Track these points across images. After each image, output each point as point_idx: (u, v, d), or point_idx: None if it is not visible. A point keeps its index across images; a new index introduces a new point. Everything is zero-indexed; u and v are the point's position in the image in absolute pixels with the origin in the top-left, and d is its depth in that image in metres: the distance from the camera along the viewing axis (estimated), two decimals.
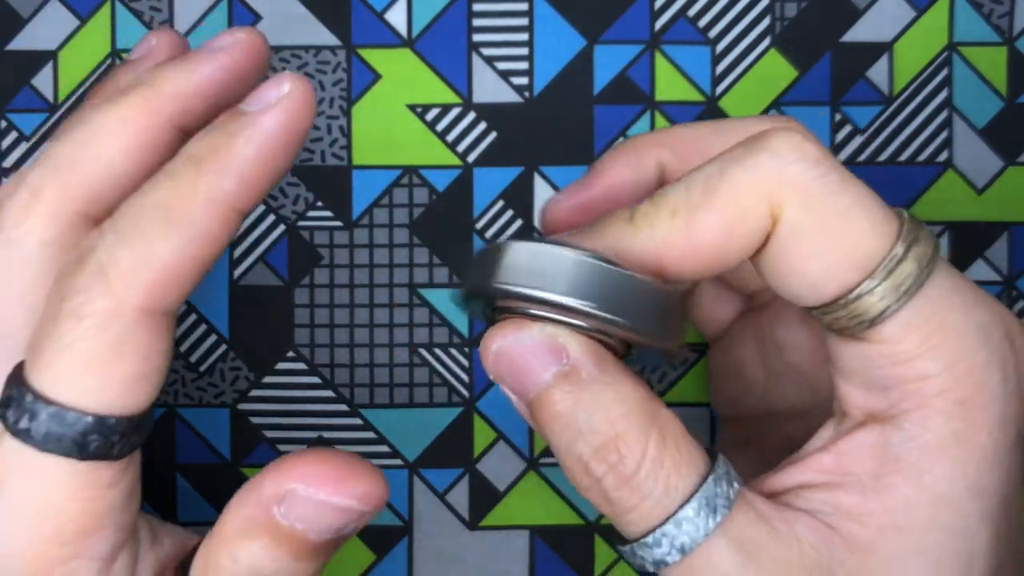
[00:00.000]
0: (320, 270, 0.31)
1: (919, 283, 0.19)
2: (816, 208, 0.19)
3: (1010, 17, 0.31)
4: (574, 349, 0.20)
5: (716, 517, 0.19)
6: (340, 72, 0.31)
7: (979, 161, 0.31)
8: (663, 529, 0.19)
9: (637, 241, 0.20)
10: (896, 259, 0.19)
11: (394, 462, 0.31)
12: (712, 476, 0.20)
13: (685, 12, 0.31)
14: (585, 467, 0.20)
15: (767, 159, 0.19)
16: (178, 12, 0.31)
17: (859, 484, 0.20)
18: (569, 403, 0.20)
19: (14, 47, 0.31)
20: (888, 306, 0.19)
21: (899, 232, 0.20)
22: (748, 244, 0.20)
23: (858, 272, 0.19)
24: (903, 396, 0.20)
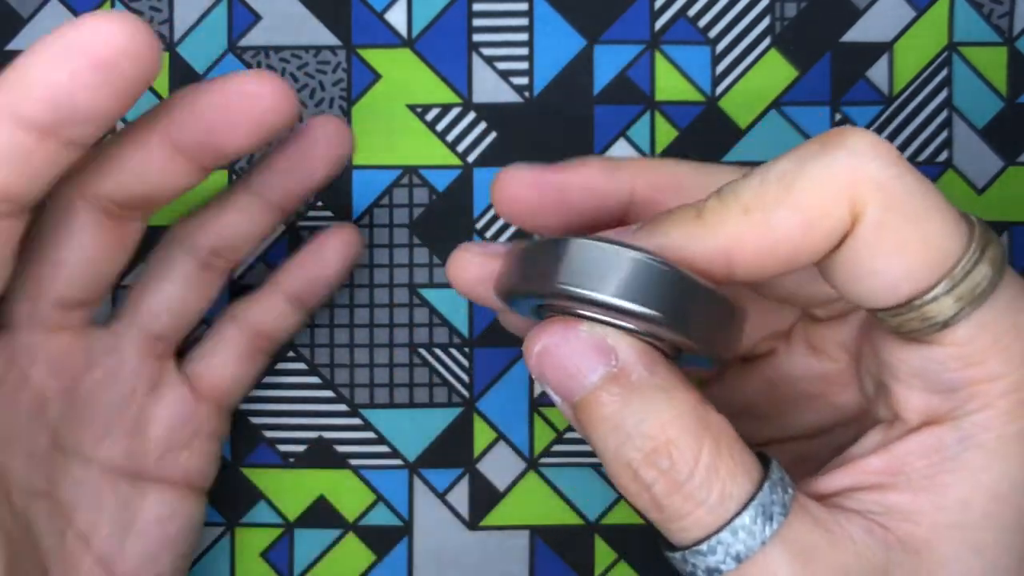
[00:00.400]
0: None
1: (993, 286, 0.19)
2: (896, 207, 0.19)
3: (1010, 17, 0.31)
4: (624, 350, 0.19)
5: (773, 524, 0.19)
6: (340, 72, 0.31)
7: (979, 161, 0.31)
8: (718, 537, 0.19)
9: (707, 239, 0.19)
10: (973, 260, 0.19)
11: (394, 462, 0.31)
12: (768, 483, 0.19)
13: (685, 12, 0.31)
14: (634, 473, 0.19)
15: (846, 156, 0.19)
16: (178, 12, 0.31)
17: (911, 484, 0.20)
18: (617, 406, 0.19)
19: (14, 47, 0.31)
20: (962, 308, 0.19)
21: (972, 234, 0.19)
22: (825, 243, 0.19)
23: (935, 273, 0.19)
24: (968, 398, 0.19)
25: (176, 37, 0.31)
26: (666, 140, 0.31)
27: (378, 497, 0.31)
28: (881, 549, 0.19)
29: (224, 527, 0.31)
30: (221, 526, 0.31)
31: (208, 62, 0.31)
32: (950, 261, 0.19)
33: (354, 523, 0.31)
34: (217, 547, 0.31)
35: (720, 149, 0.31)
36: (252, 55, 0.31)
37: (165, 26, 0.31)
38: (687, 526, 0.19)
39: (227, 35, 0.31)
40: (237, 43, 0.31)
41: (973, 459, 0.19)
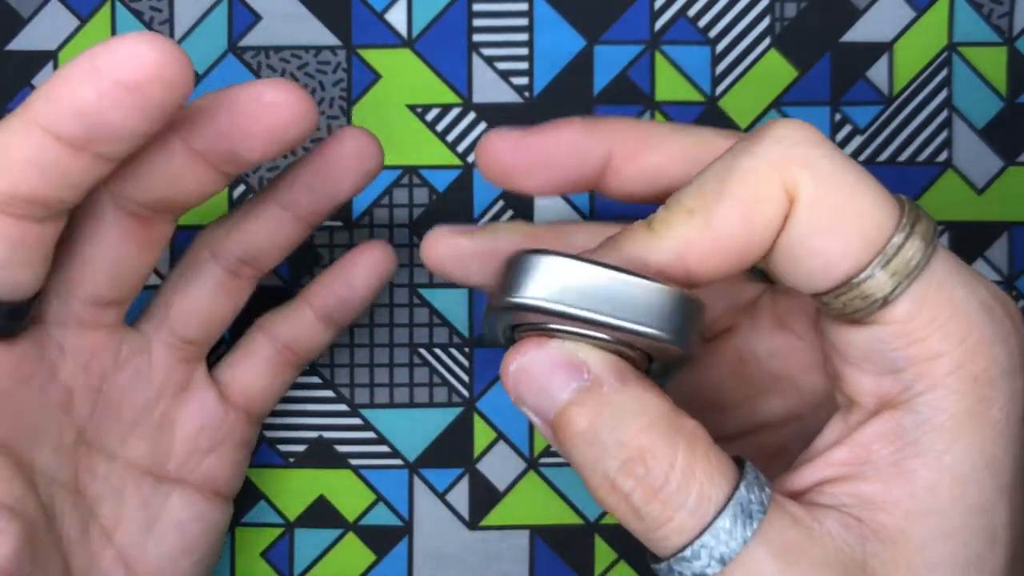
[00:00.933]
0: (320, 270, 0.31)
1: (926, 259, 0.19)
2: (827, 184, 0.19)
3: (1010, 17, 0.31)
4: (594, 363, 0.20)
5: (753, 524, 0.19)
6: (340, 72, 0.31)
7: (979, 161, 0.31)
8: (701, 540, 0.19)
9: (659, 247, 0.20)
10: (904, 235, 0.19)
11: (394, 462, 0.31)
12: (743, 483, 0.19)
13: (685, 12, 0.31)
14: (612, 484, 0.19)
15: (773, 143, 0.20)
16: (178, 12, 0.31)
17: (879, 473, 0.20)
18: (591, 419, 0.20)
19: (14, 47, 0.31)
20: (899, 283, 0.19)
21: (902, 210, 0.20)
22: (769, 229, 0.20)
23: (869, 249, 0.19)
24: (917, 377, 0.20)
25: (176, 37, 0.31)
26: None
27: (378, 497, 0.31)
28: (858, 542, 0.20)
29: None
30: None
31: (208, 62, 0.31)
32: (883, 236, 0.19)
33: (354, 523, 0.31)
34: None
35: None
36: (252, 55, 0.31)
37: (165, 26, 0.31)
38: (668, 533, 0.19)
39: (227, 35, 0.31)
40: (237, 43, 0.31)
41: (933, 442, 0.20)
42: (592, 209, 0.31)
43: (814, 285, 0.20)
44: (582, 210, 0.31)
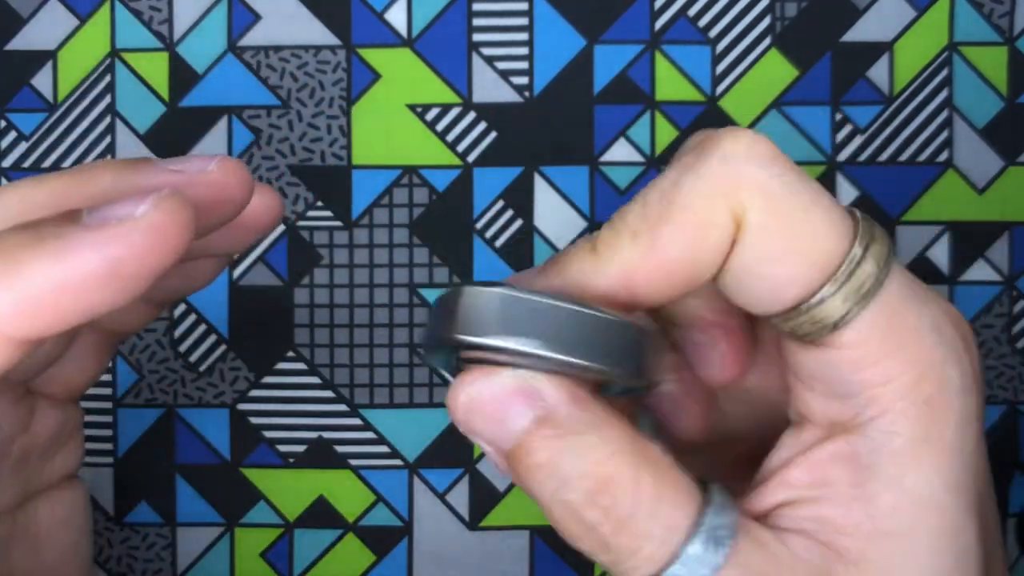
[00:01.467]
0: (320, 270, 0.31)
1: (879, 283, 0.19)
2: (777, 209, 0.18)
3: (1010, 17, 0.31)
4: (549, 392, 0.19)
5: (724, 549, 0.18)
6: (340, 72, 0.31)
7: (979, 161, 0.31)
8: (671, 571, 0.18)
9: (604, 271, 0.19)
10: (855, 260, 0.19)
11: (394, 462, 0.31)
12: (711, 508, 0.19)
13: (685, 12, 0.31)
14: (576, 516, 0.19)
15: (719, 163, 0.19)
16: (178, 12, 0.31)
17: (839, 496, 0.19)
18: (551, 450, 0.18)
19: (13, 47, 0.31)
20: (850, 309, 0.19)
21: (856, 231, 0.19)
22: (715, 254, 0.19)
23: (820, 274, 0.19)
24: (868, 402, 0.19)
25: (176, 37, 0.31)
26: (666, 140, 0.31)
27: (378, 497, 0.31)
28: (824, 565, 0.19)
29: (224, 527, 0.31)
30: (221, 526, 0.31)
31: (208, 62, 0.31)
32: (834, 261, 0.19)
33: (354, 523, 0.31)
34: (217, 547, 0.31)
35: None
36: (252, 55, 0.31)
37: (165, 26, 0.31)
38: (638, 564, 0.18)
39: (227, 35, 0.31)
40: (237, 43, 0.31)
41: (889, 466, 0.19)
42: (592, 212, 0.31)
43: (763, 308, 0.19)
44: (584, 212, 0.31)
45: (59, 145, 0.31)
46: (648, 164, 0.31)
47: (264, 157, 0.31)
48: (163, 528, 0.31)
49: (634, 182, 0.31)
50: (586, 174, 0.31)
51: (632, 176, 0.31)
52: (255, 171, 0.31)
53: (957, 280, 0.31)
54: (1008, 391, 0.31)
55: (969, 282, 0.31)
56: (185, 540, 0.31)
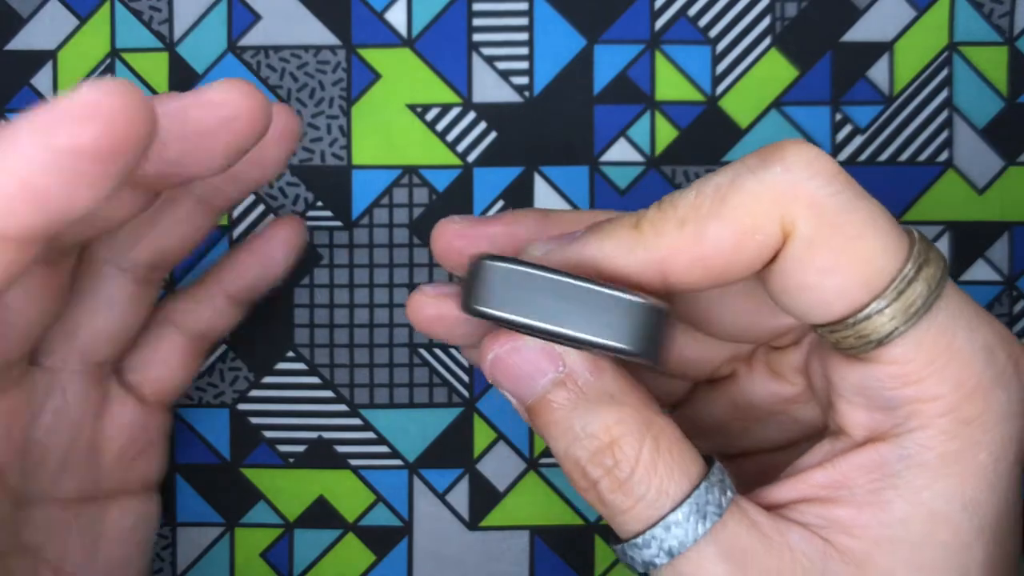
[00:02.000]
0: (320, 270, 0.31)
1: (928, 305, 0.19)
2: (829, 225, 0.19)
3: (1011, 17, 0.31)
4: (570, 356, 0.20)
5: (706, 523, 0.20)
6: (340, 72, 0.31)
7: (980, 161, 0.31)
8: (652, 532, 0.20)
9: (641, 251, 0.20)
10: (907, 279, 0.19)
11: (394, 462, 0.31)
12: (704, 483, 0.20)
13: (685, 12, 0.31)
14: (582, 471, 0.20)
15: (781, 172, 0.19)
16: (178, 12, 0.31)
17: (854, 499, 0.20)
18: (566, 409, 0.20)
19: (13, 47, 0.31)
20: (897, 327, 0.19)
21: (910, 252, 0.19)
22: (756, 258, 0.19)
23: (868, 291, 0.19)
24: (908, 416, 0.20)
25: (176, 37, 0.31)
26: (666, 140, 0.31)
27: (378, 497, 0.31)
28: (819, 559, 0.20)
29: (224, 527, 0.31)
30: (221, 526, 0.31)
31: (208, 62, 0.31)
32: (884, 280, 0.19)
33: (354, 523, 0.31)
34: (217, 547, 0.31)
35: (720, 149, 0.31)
36: (252, 55, 0.31)
37: (165, 26, 0.31)
38: (627, 520, 0.20)
39: (227, 35, 0.31)
40: (237, 43, 0.31)
41: (914, 478, 0.20)
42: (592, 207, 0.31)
43: (811, 318, 0.20)
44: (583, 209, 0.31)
45: None
46: (648, 164, 0.31)
47: None
48: (163, 528, 0.31)
49: (634, 182, 0.31)
50: (586, 174, 0.31)
51: (632, 176, 0.31)
52: None
53: (957, 280, 0.31)
54: None
55: (969, 282, 0.31)
56: (185, 540, 0.31)
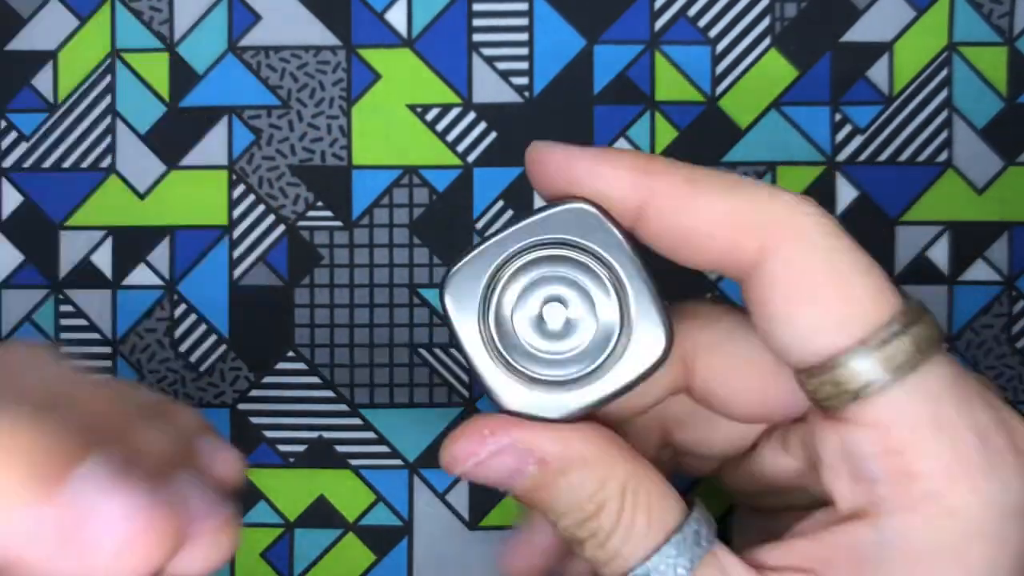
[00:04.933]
0: (320, 270, 0.31)
1: (914, 364, 0.19)
2: (813, 256, 0.19)
3: (1010, 17, 0.31)
4: (539, 447, 0.21)
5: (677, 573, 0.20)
6: (340, 72, 0.31)
7: (979, 161, 0.31)
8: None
9: (692, 206, 0.20)
10: (893, 333, 0.19)
11: (394, 462, 0.31)
12: (677, 539, 0.20)
13: (685, 12, 0.31)
14: (572, 536, 0.21)
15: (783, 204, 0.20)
16: (178, 12, 0.31)
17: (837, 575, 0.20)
18: (549, 495, 0.21)
19: (14, 47, 0.31)
20: (875, 379, 0.19)
21: (902, 309, 0.19)
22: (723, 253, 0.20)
23: (847, 334, 0.19)
24: (890, 494, 0.19)
25: (176, 37, 0.31)
26: (666, 140, 0.31)
27: (378, 497, 0.31)
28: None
29: None
30: None
31: (208, 62, 0.31)
32: (865, 326, 0.19)
33: (354, 523, 0.31)
34: None
35: (720, 149, 0.31)
36: (252, 55, 0.31)
37: (165, 26, 0.31)
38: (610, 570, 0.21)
39: (227, 35, 0.31)
40: (237, 43, 0.31)
41: (894, 569, 0.19)
42: None
43: (788, 354, 0.20)
44: None
45: (59, 145, 0.31)
46: None
47: (264, 157, 0.31)
48: None
49: None
50: None
51: None
52: (256, 171, 0.31)
53: (956, 280, 0.31)
54: (1008, 391, 0.31)
55: (968, 282, 0.31)
56: None
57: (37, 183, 0.31)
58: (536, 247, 0.21)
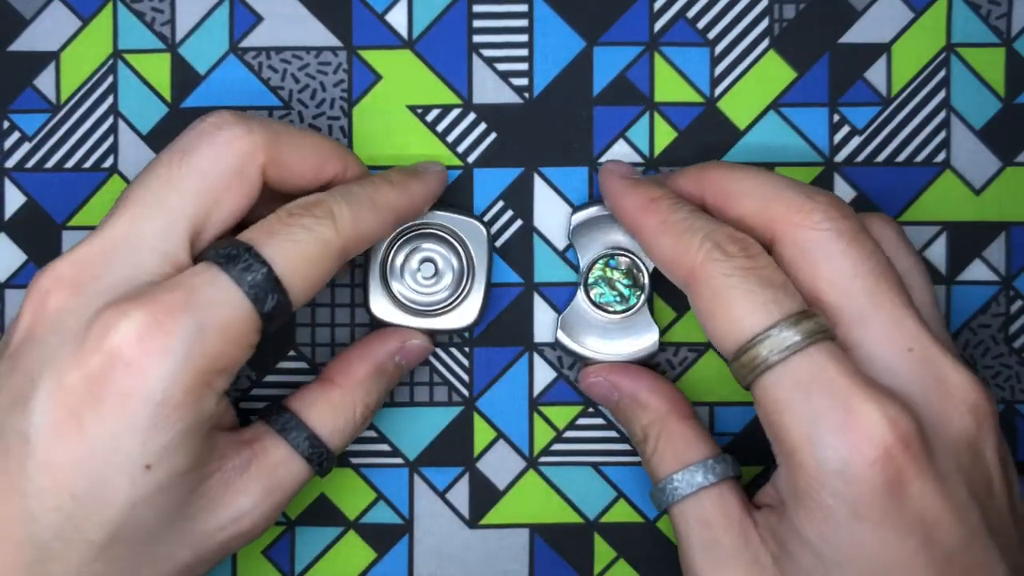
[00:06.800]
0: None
1: (795, 350, 0.24)
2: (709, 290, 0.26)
3: (1008, 18, 0.31)
4: (618, 384, 0.30)
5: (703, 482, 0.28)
6: (341, 73, 0.31)
7: (977, 161, 0.31)
8: (659, 486, 0.28)
9: None
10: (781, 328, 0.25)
11: (394, 461, 0.31)
12: (692, 467, 0.28)
13: (684, 13, 0.31)
14: (637, 447, 0.30)
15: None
16: (179, 13, 0.31)
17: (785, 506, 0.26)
18: (623, 417, 0.30)
19: (16, 48, 0.31)
20: (748, 375, 0.25)
21: (799, 309, 0.25)
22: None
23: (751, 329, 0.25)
24: (775, 450, 0.26)
25: (178, 38, 0.31)
26: (665, 141, 0.31)
27: (379, 495, 0.31)
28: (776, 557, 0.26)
29: None
30: None
31: (210, 63, 0.31)
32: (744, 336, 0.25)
33: (355, 521, 0.31)
34: None
35: (719, 150, 0.31)
36: (253, 56, 0.31)
37: (167, 27, 0.31)
38: (654, 478, 0.29)
39: (228, 36, 0.31)
40: (239, 44, 0.31)
41: (789, 503, 0.26)
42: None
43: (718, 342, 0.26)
44: None
45: (62, 146, 0.31)
46: (647, 165, 0.31)
47: None
48: None
49: None
50: (586, 174, 0.31)
51: None
52: None
53: (954, 280, 0.31)
54: (1005, 391, 0.31)
55: (966, 282, 0.31)
56: None
57: (39, 183, 0.31)
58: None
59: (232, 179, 0.26)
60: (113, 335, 0.24)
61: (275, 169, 0.27)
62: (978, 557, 0.24)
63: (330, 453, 0.28)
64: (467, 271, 0.30)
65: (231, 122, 0.26)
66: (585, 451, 0.31)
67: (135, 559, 0.25)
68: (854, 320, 0.25)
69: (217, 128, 0.26)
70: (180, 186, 0.26)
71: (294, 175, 0.27)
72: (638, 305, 0.30)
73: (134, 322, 0.24)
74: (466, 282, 0.30)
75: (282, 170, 0.27)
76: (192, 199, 0.26)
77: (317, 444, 0.28)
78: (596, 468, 0.31)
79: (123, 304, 0.24)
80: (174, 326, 0.24)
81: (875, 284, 0.25)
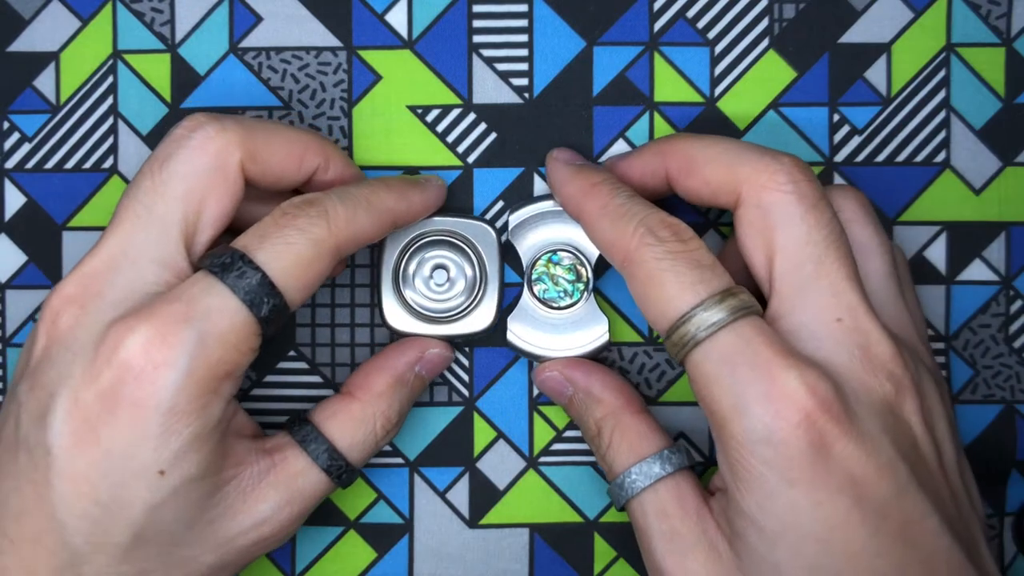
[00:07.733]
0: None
1: (722, 325, 0.25)
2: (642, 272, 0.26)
3: (1008, 18, 0.31)
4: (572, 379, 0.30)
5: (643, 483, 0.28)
6: (341, 73, 0.31)
7: (977, 161, 0.31)
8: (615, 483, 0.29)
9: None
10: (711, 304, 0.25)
11: (394, 460, 0.31)
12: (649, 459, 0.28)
13: (684, 13, 0.31)
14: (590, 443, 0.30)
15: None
16: (179, 13, 0.31)
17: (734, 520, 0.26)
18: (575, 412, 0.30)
19: (16, 48, 0.31)
20: (679, 352, 0.26)
21: (725, 288, 0.26)
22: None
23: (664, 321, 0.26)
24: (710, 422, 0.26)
25: (178, 38, 0.31)
26: None
27: (379, 495, 0.31)
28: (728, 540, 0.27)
29: None
30: None
31: (210, 63, 0.31)
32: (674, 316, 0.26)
33: (355, 520, 0.31)
34: None
35: None
36: (253, 56, 0.31)
37: (167, 27, 0.31)
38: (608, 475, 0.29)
39: (228, 36, 0.31)
40: (238, 44, 0.31)
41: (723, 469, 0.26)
42: None
43: (653, 320, 0.27)
44: None
45: (62, 146, 0.31)
46: None
47: None
48: None
49: None
50: None
51: None
52: None
53: (954, 280, 0.31)
54: (1005, 390, 0.31)
55: (966, 282, 0.31)
56: None
57: (39, 184, 0.31)
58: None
59: (213, 179, 0.26)
60: (121, 351, 0.25)
61: (254, 164, 0.27)
62: (911, 510, 0.25)
63: (349, 466, 0.28)
64: (480, 275, 0.30)
65: (204, 123, 0.27)
66: (585, 451, 0.31)
67: (159, 560, 0.26)
68: (795, 287, 0.26)
69: (191, 131, 0.27)
70: (164, 193, 0.26)
71: (275, 169, 0.28)
72: (582, 300, 0.30)
73: (140, 336, 0.25)
74: (480, 286, 0.30)
75: (261, 165, 0.27)
76: (178, 204, 0.26)
77: (336, 456, 0.28)
78: (596, 468, 0.31)
79: (129, 319, 0.25)
80: (176, 338, 0.25)
81: (823, 252, 0.26)
